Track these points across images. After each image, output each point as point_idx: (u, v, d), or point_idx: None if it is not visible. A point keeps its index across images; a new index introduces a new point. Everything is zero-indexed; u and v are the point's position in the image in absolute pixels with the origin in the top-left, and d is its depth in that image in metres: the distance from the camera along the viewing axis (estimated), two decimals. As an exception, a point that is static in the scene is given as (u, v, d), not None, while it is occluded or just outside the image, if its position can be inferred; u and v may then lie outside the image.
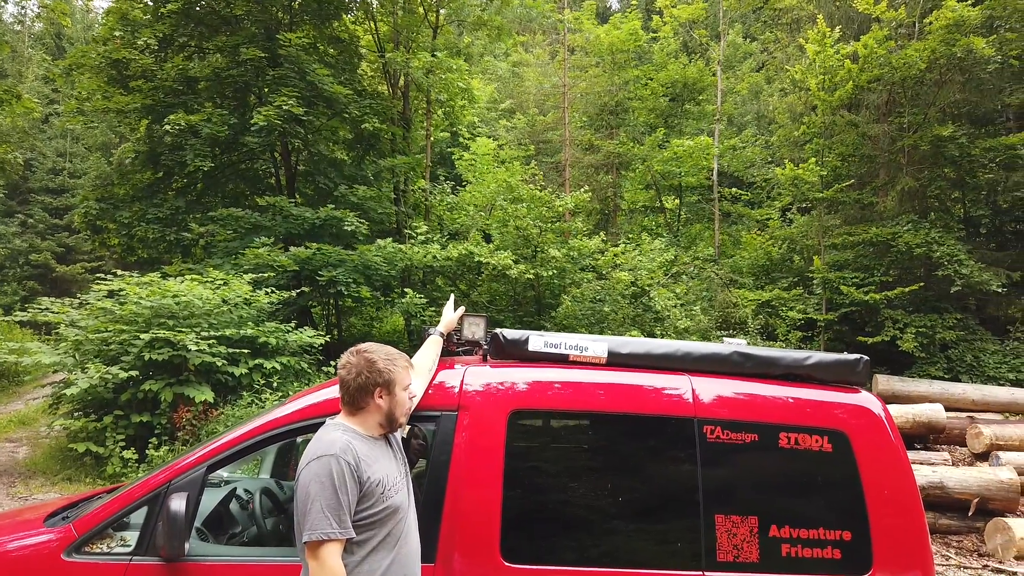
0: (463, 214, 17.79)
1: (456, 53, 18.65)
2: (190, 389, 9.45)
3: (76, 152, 35.07)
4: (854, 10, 16.46)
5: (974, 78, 14.69)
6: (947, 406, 10.37)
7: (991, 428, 9.46)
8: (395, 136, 17.56)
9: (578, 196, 16.30)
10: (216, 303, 10.46)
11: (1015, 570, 6.96)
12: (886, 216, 15.92)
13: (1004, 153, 14.22)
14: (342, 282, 13.39)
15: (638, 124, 23.55)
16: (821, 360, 3.28)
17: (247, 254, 12.87)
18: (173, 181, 16.59)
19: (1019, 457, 8.86)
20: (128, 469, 9.01)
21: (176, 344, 9.37)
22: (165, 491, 2.87)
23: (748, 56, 28.55)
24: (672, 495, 3.06)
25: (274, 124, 13.65)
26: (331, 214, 14.31)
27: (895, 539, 2.98)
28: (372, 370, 2.56)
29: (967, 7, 13.61)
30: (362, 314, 18.98)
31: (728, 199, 22.44)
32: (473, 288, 16.49)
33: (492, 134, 23.57)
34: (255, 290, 11.28)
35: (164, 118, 14.10)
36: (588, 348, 3.23)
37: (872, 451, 3.07)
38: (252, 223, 14.25)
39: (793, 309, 15.34)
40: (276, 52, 14.65)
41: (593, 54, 23.76)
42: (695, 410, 3.09)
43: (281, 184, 16.98)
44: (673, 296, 14.80)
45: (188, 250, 16.29)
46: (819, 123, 15.99)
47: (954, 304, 14.76)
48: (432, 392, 3.13)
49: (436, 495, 2.93)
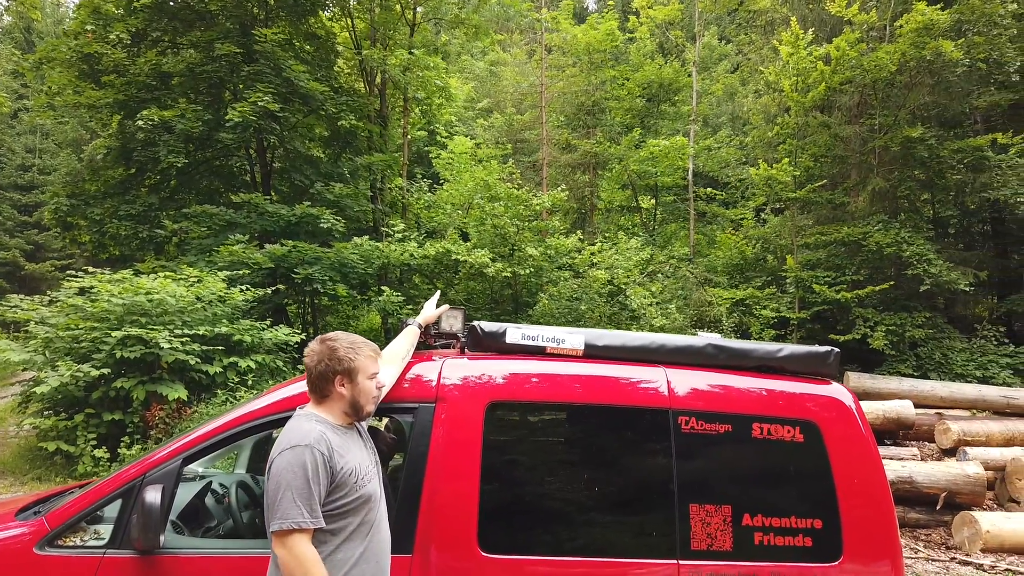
0: (440, 212, 17.77)
1: (434, 51, 18.60)
2: (163, 387, 9.34)
3: (46, 148, 34.49)
4: (827, 13, 16.68)
5: (943, 81, 14.96)
6: (916, 403, 10.56)
7: (959, 424, 9.66)
8: (372, 134, 17.48)
9: (555, 195, 16.37)
10: (190, 300, 10.35)
11: (981, 562, 7.12)
12: (857, 216, 16.16)
13: (972, 155, 14.49)
14: (318, 280, 13.31)
15: (615, 124, 23.69)
16: (793, 352, 3.34)
17: (222, 251, 12.75)
18: (146, 177, 16.37)
19: (985, 452, 9.06)
20: (100, 468, 8.88)
21: (149, 342, 9.25)
22: (140, 484, 2.85)
23: (723, 58, 28.85)
24: (647, 485, 3.10)
25: (249, 120, 13.53)
26: (307, 211, 14.22)
27: (865, 528, 3.05)
28: (333, 358, 2.56)
29: (936, 11, 13.86)
30: (338, 312, 18.88)
31: (703, 199, 22.64)
32: (451, 286, 16.49)
33: (470, 133, 23.53)
34: (230, 287, 11.18)
35: (137, 114, 13.90)
36: (565, 340, 3.27)
37: (843, 442, 3.14)
38: (227, 220, 14.12)
39: (767, 308, 15.53)
40: (251, 48, 14.52)
41: (570, 54, 23.85)
42: (670, 401, 3.13)
43: (256, 181, 16.83)
44: (649, 295, 14.93)
45: (161, 247, 16.09)
46: (792, 124, 16.19)
47: (923, 303, 15.03)
48: (410, 384, 3.14)
49: (414, 486, 2.94)
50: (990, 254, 17.71)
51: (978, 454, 9.01)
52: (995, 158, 14.39)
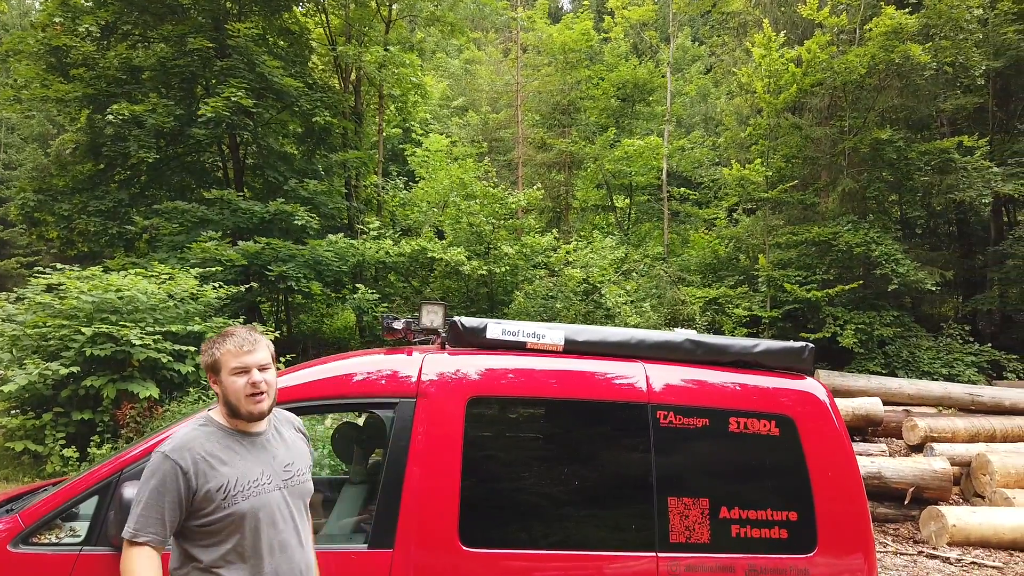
0: (416, 210, 17.73)
1: (409, 48, 18.54)
2: (134, 385, 9.19)
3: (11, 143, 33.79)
4: (798, 15, 16.94)
5: (911, 84, 15.26)
6: (884, 400, 10.75)
7: (926, 421, 9.86)
8: (347, 131, 17.39)
9: (531, 193, 16.40)
10: (161, 298, 10.19)
11: (948, 555, 7.26)
12: (827, 216, 16.44)
13: (938, 157, 14.81)
14: (292, 277, 13.20)
15: (590, 123, 23.81)
16: (769, 348, 3.39)
17: (194, 248, 12.59)
18: (116, 173, 16.10)
19: (951, 448, 9.26)
20: (69, 467, 8.73)
21: (119, 339, 9.10)
22: (117, 480, 2.81)
23: (696, 59, 29.12)
24: (627, 479, 3.12)
25: (222, 116, 13.38)
26: (281, 208, 14.10)
27: (838, 520, 3.10)
28: (202, 352, 2.40)
29: (904, 15, 14.13)
30: (312, 310, 18.75)
31: (677, 199, 22.85)
32: (426, 284, 16.45)
33: (445, 131, 23.52)
34: (202, 285, 11.04)
35: (106, 108, 13.69)
36: (545, 336, 3.29)
37: (817, 436, 3.19)
38: (199, 217, 13.94)
39: (739, 306, 15.73)
40: (224, 43, 14.36)
41: (546, 53, 23.92)
42: (648, 396, 3.17)
43: (229, 178, 16.65)
44: (624, 293, 15.02)
45: (131, 244, 15.83)
46: (765, 125, 16.40)
47: (891, 302, 15.33)
48: (390, 379, 3.14)
49: (394, 482, 2.94)
50: (955, 254, 18.12)
51: (944, 450, 9.20)
52: (961, 160, 14.71)
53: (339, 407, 3.32)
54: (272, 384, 2.38)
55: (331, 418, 10.09)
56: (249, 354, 2.34)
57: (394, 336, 3.50)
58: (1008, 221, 18.20)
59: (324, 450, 8.29)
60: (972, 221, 18.52)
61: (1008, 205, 17.97)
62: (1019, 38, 14.98)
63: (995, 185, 14.32)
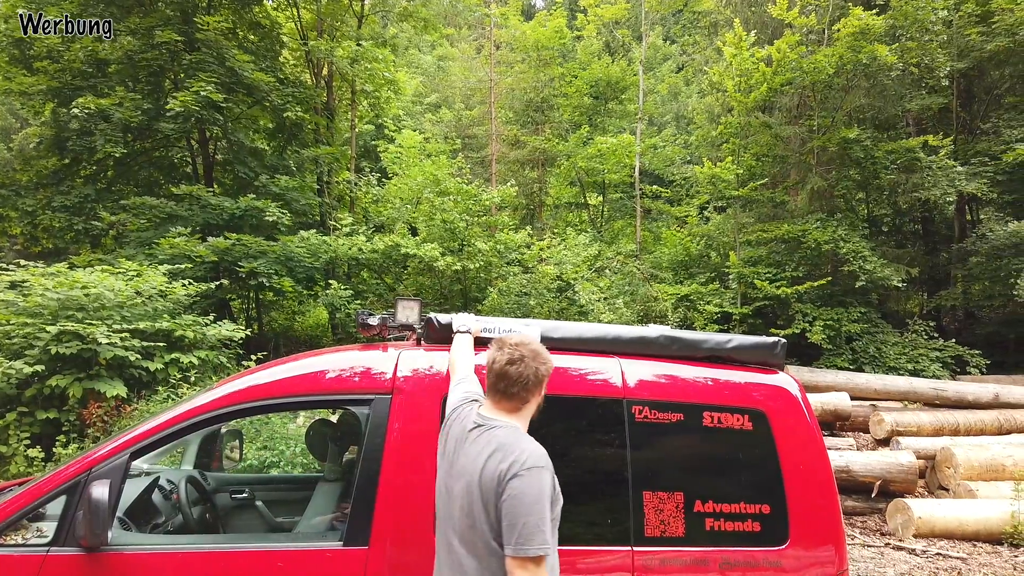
0: (389, 206, 17.63)
1: (382, 44, 18.41)
2: (101, 384, 9.03)
3: (-29, 136, 32.89)
4: (768, 15, 17.13)
5: (878, 84, 15.50)
6: (852, 395, 10.94)
7: (892, 415, 10.05)
8: (319, 126, 17.22)
9: (504, 190, 16.40)
10: (129, 295, 10.03)
11: (914, 547, 7.41)
12: (797, 214, 16.66)
13: (904, 156, 15.07)
14: (263, 274, 13.05)
15: (563, 121, 23.86)
16: (742, 343, 3.43)
17: (162, 244, 12.40)
18: (81, 168, 15.78)
19: (917, 442, 9.45)
20: (34, 468, 8.54)
21: (86, 337, 8.93)
22: (86, 479, 2.76)
23: (668, 58, 29.31)
24: (602, 474, 3.13)
25: (191, 110, 13.18)
26: (252, 204, 13.92)
27: (810, 513, 3.15)
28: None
29: (872, 16, 14.36)
30: (283, 308, 18.57)
31: (649, 196, 23.00)
32: (399, 281, 16.38)
33: (418, 128, 23.40)
34: (171, 282, 10.87)
35: (72, 101, 13.41)
36: (521, 332, 3.28)
37: (789, 429, 3.24)
38: (167, 212, 13.73)
39: (710, 303, 15.89)
40: (193, 36, 14.14)
41: (519, 50, 23.91)
42: (624, 392, 3.18)
43: (198, 173, 16.40)
44: (597, 290, 15.10)
45: (98, 240, 15.54)
46: (736, 123, 16.58)
47: (858, 299, 15.59)
48: (364, 375, 3.12)
49: (370, 479, 2.91)
50: (920, 252, 18.45)
51: (910, 444, 9.39)
52: (926, 159, 14.98)
53: (313, 404, 3.28)
54: None
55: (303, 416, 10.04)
56: None
57: (369, 332, 3.47)
58: (971, 220, 18.59)
59: (297, 448, 8.23)
60: (937, 220, 18.87)
61: (971, 204, 18.35)
62: (982, 40, 15.28)
63: (959, 184, 14.61)
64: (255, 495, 4.32)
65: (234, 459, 5.14)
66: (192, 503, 3.58)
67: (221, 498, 4.30)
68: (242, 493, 4.32)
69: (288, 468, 7.83)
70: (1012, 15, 14.72)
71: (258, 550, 2.86)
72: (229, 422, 3.29)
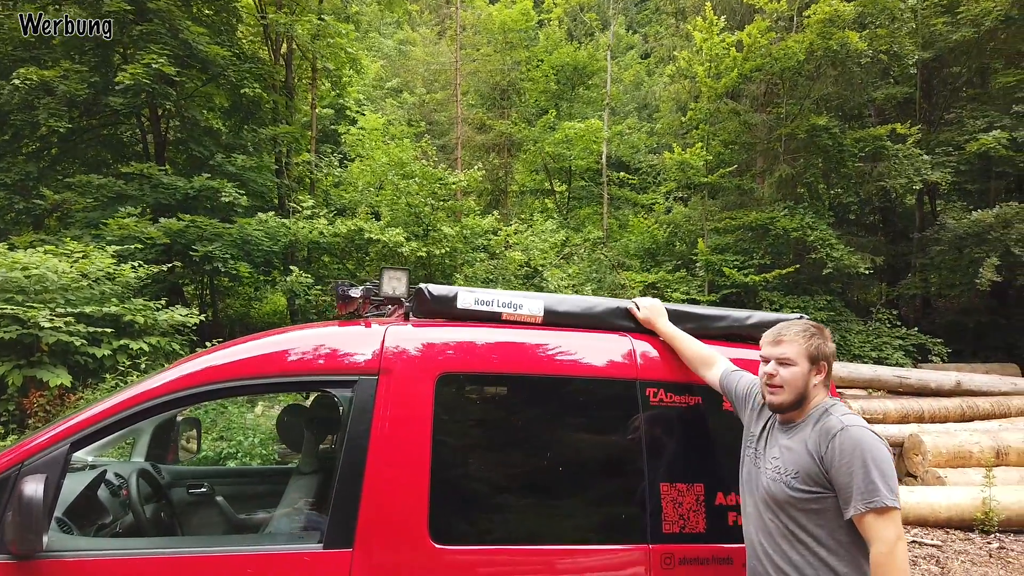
0: (352, 189, 17.09)
1: (344, 19, 17.79)
2: (43, 372, 8.45)
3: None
4: (737, 2, 17.05)
5: (846, 72, 15.54)
6: (819, 382, 10.88)
7: (858, 403, 10.04)
8: (277, 105, 16.56)
9: (471, 174, 16.01)
10: (74, 277, 9.41)
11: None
12: (764, 202, 16.66)
13: (871, 144, 15.13)
14: (219, 258, 12.47)
15: (530, 105, 23.54)
16: (763, 319, 3.13)
17: (111, 224, 11.73)
18: (23, 144, 14.91)
19: (884, 430, 9.39)
20: (-32, 462, 7.96)
21: (26, 322, 8.33)
22: (16, 474, 2.32)
23: (631, 47, 29.17)
24: (615, 464, 2.81)
25: (142, 84, 12.48)
26: (206, 184, 13.29)
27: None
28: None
29: (841, 2, 14.34)
30: (239, 294, 17.90)
31: (616, 183, 22.85)
32: (361, 267, 15.88)
33: (380, 111, 22.81)
34: (120, 264, 10.26)
35: (12, 73, 12.62)
36: (523, 306, 2.92)
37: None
38: (116, 191, 13.02)
39: (677, 290, 15.79)
40: (144, 6, 13.39)
41: (484, 32, 23.49)
42: (637, 372, 2.85)
43: (149, 152, 15.63)
44: (565, 276, 14.85)
45: (40, 221, 14.70)
46: (705, 110, 16.47)
47: (822, 287, 15.66)
48: (346, 354, 2.72)
49: (354, 470, 2.53)
50: (882, 241, 18.64)
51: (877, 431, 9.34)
52: (893, 148, 15.05)
53: (286, 386, 2.87)
54: (788, 381, 2.44)
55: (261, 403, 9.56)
56: (774, 345, 2.51)
57: (350, 306, 3.07)
58: (931, 210, 18.83)
59: (255, 439, 7.78)
60: (899, 210, 19.08)
61: (932, 194, 18.58)
62: (948, 29, 15.39)
63: (924, 173, 14.72)
64: (215, 489, 3.89)
65: (191, 450, 4.69)
66: (144, 500, 3.15)
67: (177, 493, 3.85)
68: (201, 488, 3.88)
69: (247, 460, 7.39)
70: (977, 5, 14.83)
71: (224, 554, 2.46)
72: (186, 408, 2.85)
